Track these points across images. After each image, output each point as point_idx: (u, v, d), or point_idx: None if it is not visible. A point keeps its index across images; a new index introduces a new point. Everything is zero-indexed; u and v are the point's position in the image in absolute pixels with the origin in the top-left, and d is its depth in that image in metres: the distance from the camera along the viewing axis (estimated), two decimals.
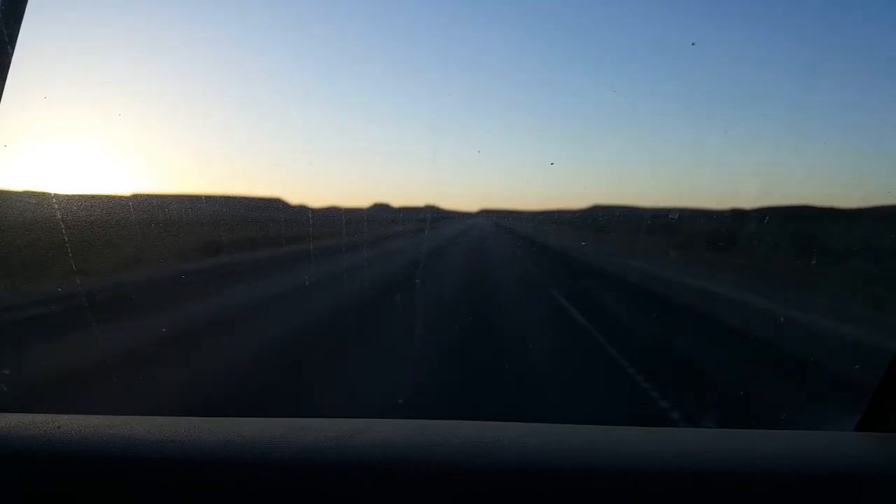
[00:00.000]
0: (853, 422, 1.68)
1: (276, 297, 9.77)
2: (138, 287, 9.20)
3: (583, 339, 7.40)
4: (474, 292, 10.95)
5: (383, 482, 1.39)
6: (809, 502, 1.36)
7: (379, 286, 10.07)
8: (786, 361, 6.21)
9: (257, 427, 1.55)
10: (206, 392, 4.99)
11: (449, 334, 7.36)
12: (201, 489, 1.40)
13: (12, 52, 1.56)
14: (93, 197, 3.58)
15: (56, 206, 3.46)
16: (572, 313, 8.96)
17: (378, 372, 5.79)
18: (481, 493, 1.38)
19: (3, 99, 1.55)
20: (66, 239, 3.31)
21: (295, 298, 9.24)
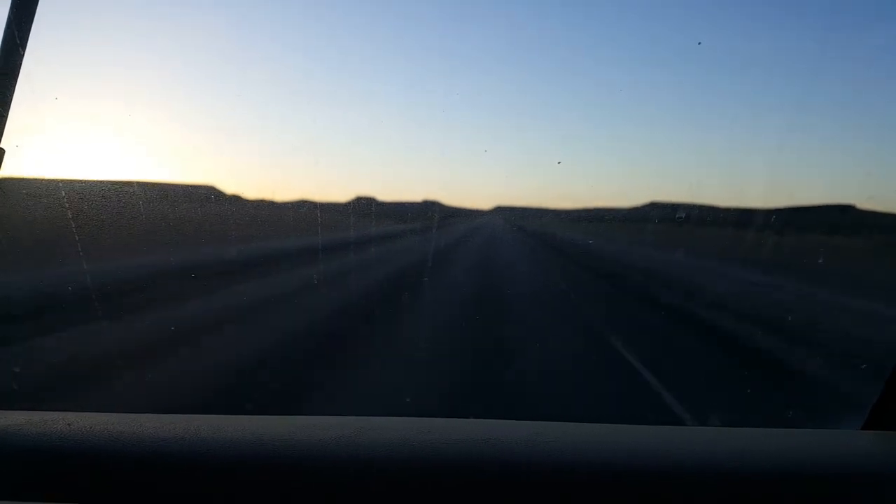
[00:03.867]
0: (859, 420, 1.68)
1: None
2: None
3: None
4: None
5: (392, 480, 1.40)
6: (815, 501, 1.37)
7: None
8: None
9: (265, 425, 1.56)
10: None
11: None
12: (210, 487, 1.41)
13: (23, 53, 1.57)
14: (102, 196, 3.60)
15: (67, 203, 3.48)
16: None
17: None
18: (490, 492, 1.39)
19: (14, 100, 1.57)
20: (77, 237, 3.34)
21: None
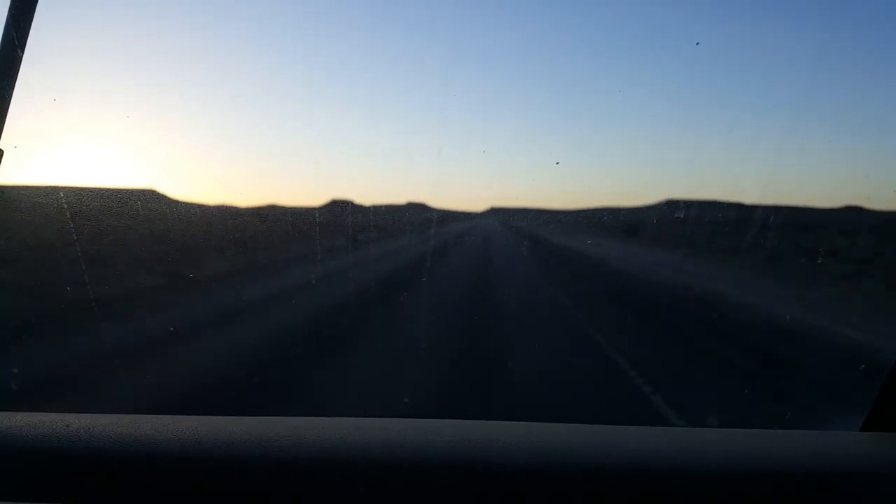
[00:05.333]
0: (858, 421, 1.68)
1: None
2: None
3: None
4: None
5: (388, 480, 1.40)
6: (814, 502, 1.37)
7: None
8: None
9: (265, 426, 1.56)
10: None
11: None
12: (209, 487, 1.41)
13: (22, 54, 1.57)
14: (102, 196, 3.60)
15: (66, 205, 3.48)
16: None
17: None
18: (485, 492, 1.39)
19: (12, 101, 1.56)
20: (75, 238, 3.33)
21: None
